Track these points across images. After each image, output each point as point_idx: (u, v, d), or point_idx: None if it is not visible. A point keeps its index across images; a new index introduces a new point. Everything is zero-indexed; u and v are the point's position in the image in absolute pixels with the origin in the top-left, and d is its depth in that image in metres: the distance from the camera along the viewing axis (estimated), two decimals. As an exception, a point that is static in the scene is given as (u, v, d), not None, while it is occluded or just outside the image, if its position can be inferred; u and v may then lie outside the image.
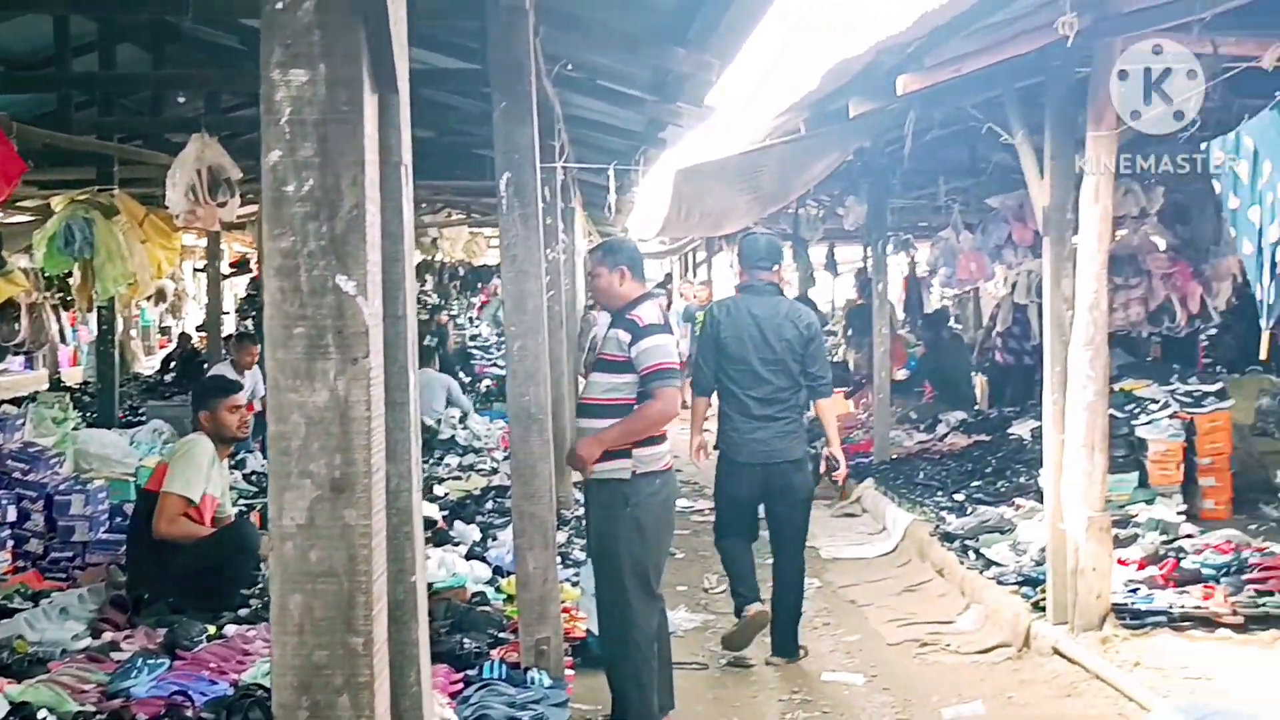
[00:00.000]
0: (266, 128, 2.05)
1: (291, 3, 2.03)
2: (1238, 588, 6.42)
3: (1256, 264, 5.45)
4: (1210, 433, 8.55)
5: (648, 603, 5.33)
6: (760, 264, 6.80)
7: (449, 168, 12.39)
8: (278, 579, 2.01)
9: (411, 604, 2.40)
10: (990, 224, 11.27)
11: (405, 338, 2.35)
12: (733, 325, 6.62)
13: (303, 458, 2.01)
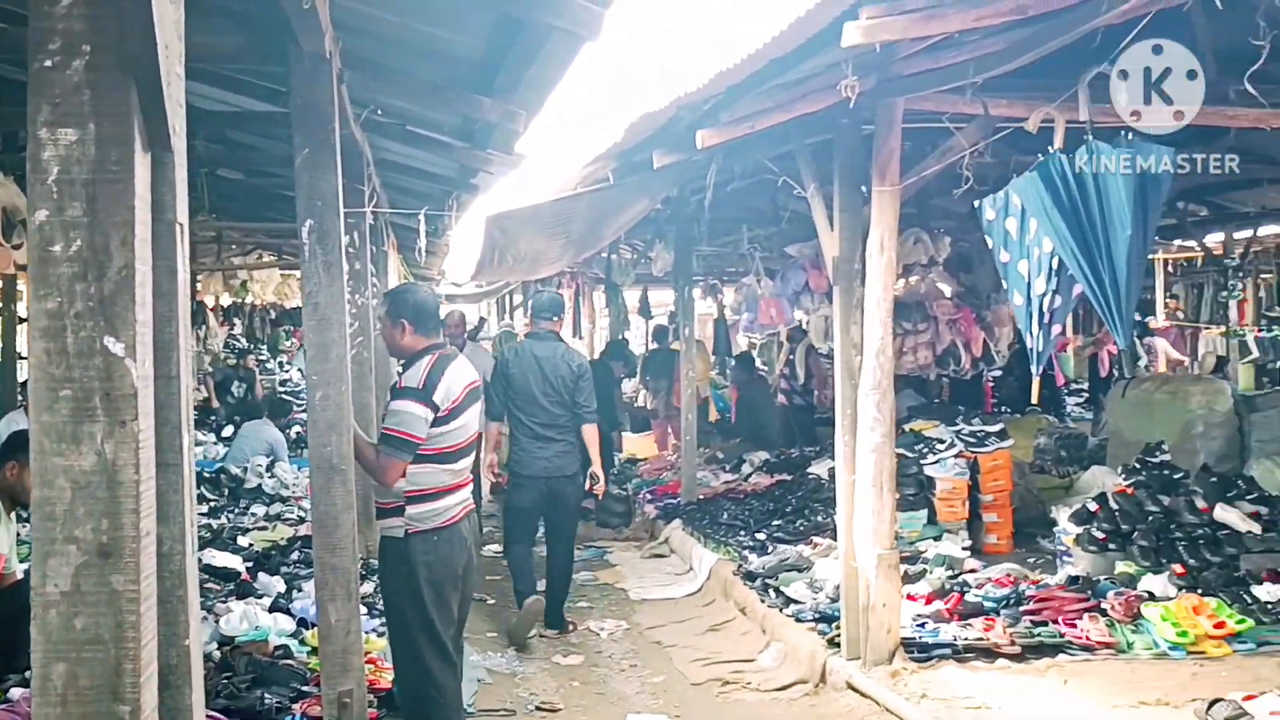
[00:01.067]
0: (33, 186, 1.99)
1: (60, 61, 1.98)
2: (1015, 619, 6.73)
3: (1026, 314, 5.77)
4: (992, 471, 8.97)
5: (441, 658, 5.27)
6: (544, 315, 8.55)
7: (259, 209, 12.09)
8: (40, 648, 1.95)
9: (185, 669, 2.33)
10: (789, 271, 11.60)
11: (178, 398, 2.30)
12: (520, 365, 8.21)
13: (68, 523, 1.95)
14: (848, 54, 5.62)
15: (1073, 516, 8.00)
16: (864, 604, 6.50)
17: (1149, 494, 7.84)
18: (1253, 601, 6.65)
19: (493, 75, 6.99)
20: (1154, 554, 7.32)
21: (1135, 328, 14.55)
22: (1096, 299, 5.24)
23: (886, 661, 6.41)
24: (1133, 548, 7.46)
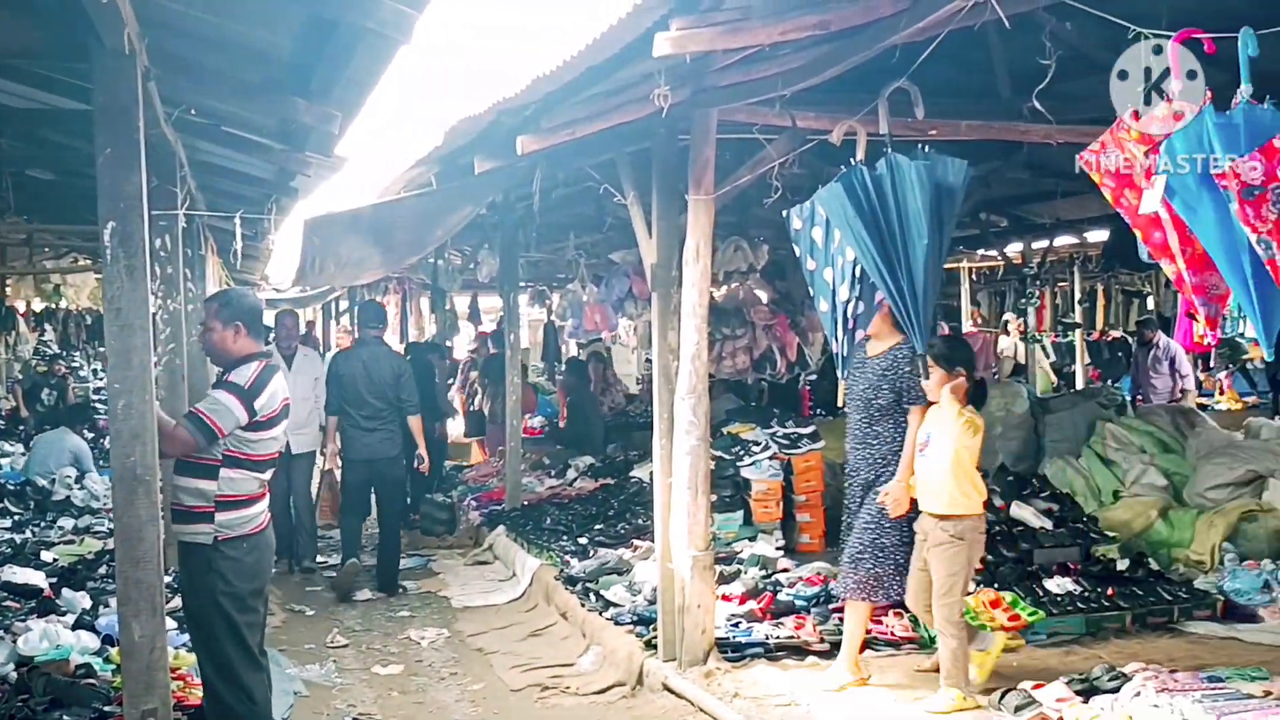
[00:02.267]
0: None
1: None
2: (825, 617, 6.84)
3: (831, 320, 5.88)
4: (805, 472, 9.13)
5: (253, 667, 5.10)
6: (370, 324, 10.19)
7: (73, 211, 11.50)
8: None
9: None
10: (614, 277, 11.62)
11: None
12: (349, 367, 9.67)
13: None
14: (662, 64, 5.63)
15: (880, 516, 8.17)
16: (680, 605, 6.52)
17: (950, 493, 8.05)
18: (1044, 594, 6.91)
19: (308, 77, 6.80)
20: (954, 551, 7.52)
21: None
22: (896, 305, 5.36)
23: (701, 662, 6.45)
24: (936, 545, 7.65)
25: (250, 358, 5.14)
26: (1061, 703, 5.25)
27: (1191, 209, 3.33)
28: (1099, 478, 9.36)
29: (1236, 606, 6.91)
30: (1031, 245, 13.64)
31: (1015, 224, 12.99)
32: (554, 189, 9.14)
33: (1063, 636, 6.64)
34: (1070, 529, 7.67)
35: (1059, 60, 6.54)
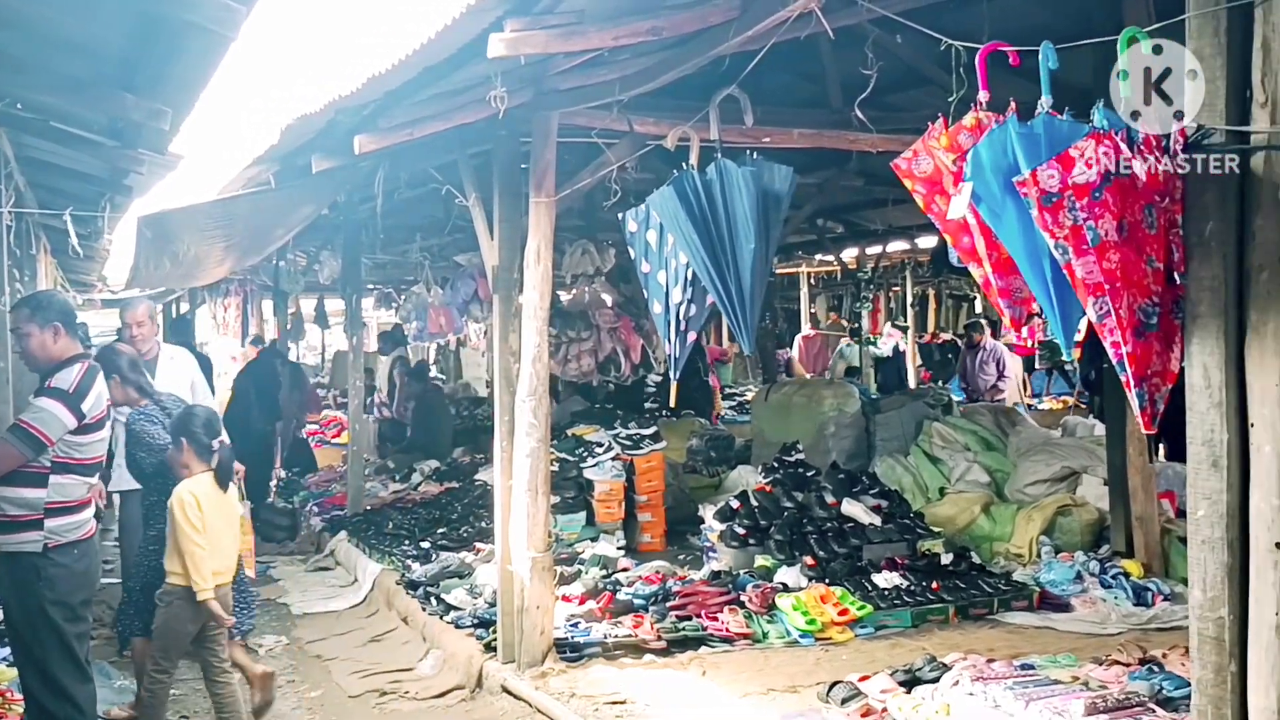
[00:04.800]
0: None
1: None
2: (662, 615, 6.86)
3: (665, 322, 5.90)
4: (646, 472, 9.17)
5: (80, 678, 4.89)
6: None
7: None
8: None
9: None
10: (459, 280, 11.50)
11: None
12: None
13: None
14: (502, 66, 5.58)
15: (717, 514, 8.27)
16: (519, 607, 6.47)
17: (785, 491, 8.20)
18: (872, 589, 7.06)
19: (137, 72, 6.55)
20: (788, 547, 7.66)
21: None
22: (725, 308, 5.41)
23: (539, 663, 6.40)
24: (770, 542, 7.78)
25: (72, 360, 4.92)
26: (886, 694, 5.36)
27: (996, 215, 3.42)
28: (926, 475, 9.62)
29: (1051, 597, 7.17)
30: (865, 251, 13.97)
31: (850, 230, 13.29)
32: (397, 190, 8.97)
33: (890, 629, 6.79)
34: (898, 525, 7.86)
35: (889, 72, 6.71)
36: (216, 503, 5.42)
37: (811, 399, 10.78)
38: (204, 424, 5.53)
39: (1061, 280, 3.26)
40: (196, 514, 5.27)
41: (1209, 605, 2.91)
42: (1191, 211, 3.00)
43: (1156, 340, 3.12)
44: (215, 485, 5.45)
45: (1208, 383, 2.91)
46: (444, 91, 6.31)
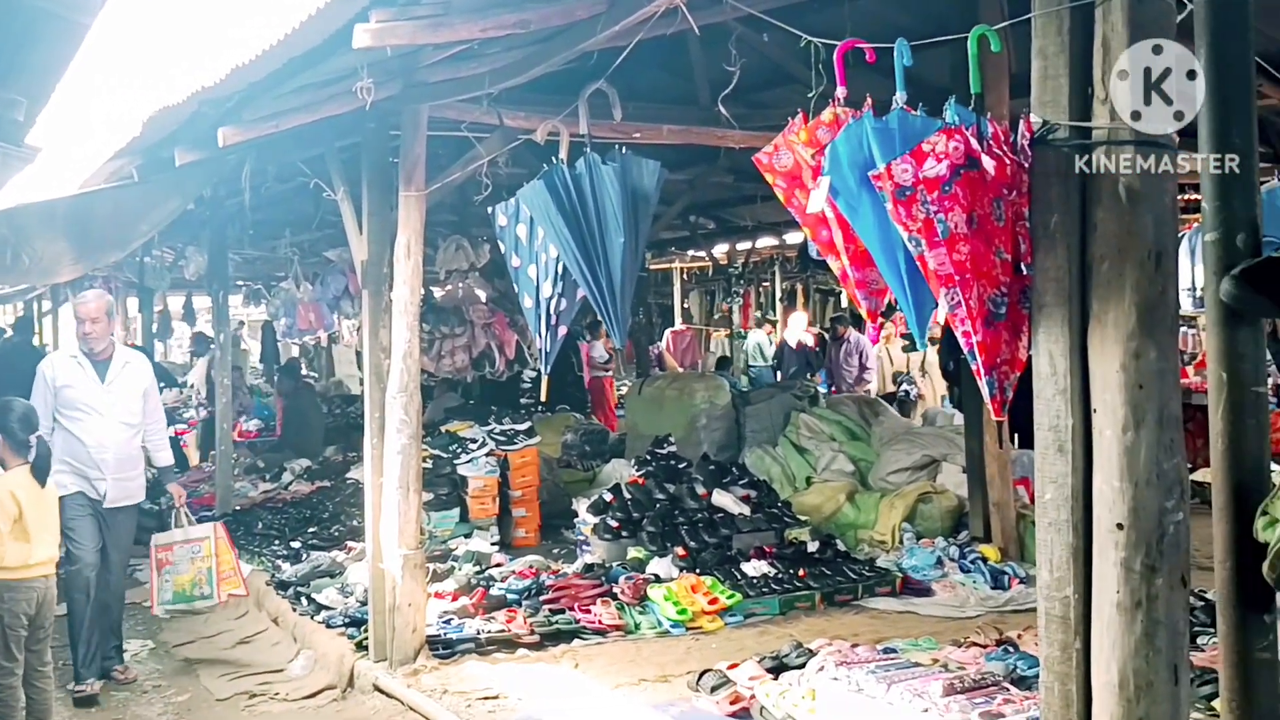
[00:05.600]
0: None
1: None
2: (536, 609, 6.83)
3: (535, 316, 5.84)
4: (521, 467, 9.11)
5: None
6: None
7: None
8: None
9: None
10: (329, 276, 11.27)
11: None
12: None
13: None
14: (369, 58, 5.48)
15: (591, 507, 8.26)
16: (391, 605, 6.37)
17: (657, 483, 8.23)
18: (742, 578, 7.13)
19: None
20: (660, 538, 7.69)
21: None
22: (596, 302, 5.39)
23: (412, 660, 6.32)
24: (642, 534, 7.80)
25: None
26: (754, 680, 5.41)
27: (853, 208, 3.46)
28: (794, 465, 9.76)
29: (913, 582, 7.33)
30: (736, 246, 14.10)
31: (721, 226, 13.40)
32: (266, 184, 8.75)
33: (759, 617, 6.86)
34: (767, 514, 7.96)
35: (757, 70, 6.79)
36: (35, 497, 5.38)
37: (683, 392, 10.85)
38: (20, 419, 5.48)
39: (915, 272, 3.32)
40: (12, 507, 5.24)
41: (1055, 585, 2.98)
42: (1037, 204, 3.07)
43: (1005, 329, 3.18)
44: (33, 479, 5.40)
45: (1053, 370, 2.99)
46: (311, 83, 6.17)
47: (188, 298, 18.80)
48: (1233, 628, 2.71)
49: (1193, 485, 3.12)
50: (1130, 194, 2.86)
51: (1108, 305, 2.87)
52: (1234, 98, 2.75)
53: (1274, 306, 2.60)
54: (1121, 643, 2.80)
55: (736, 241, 13.98)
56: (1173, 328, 2.87)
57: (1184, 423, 2.93)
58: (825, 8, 6.48)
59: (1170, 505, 2.80)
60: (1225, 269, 2.65)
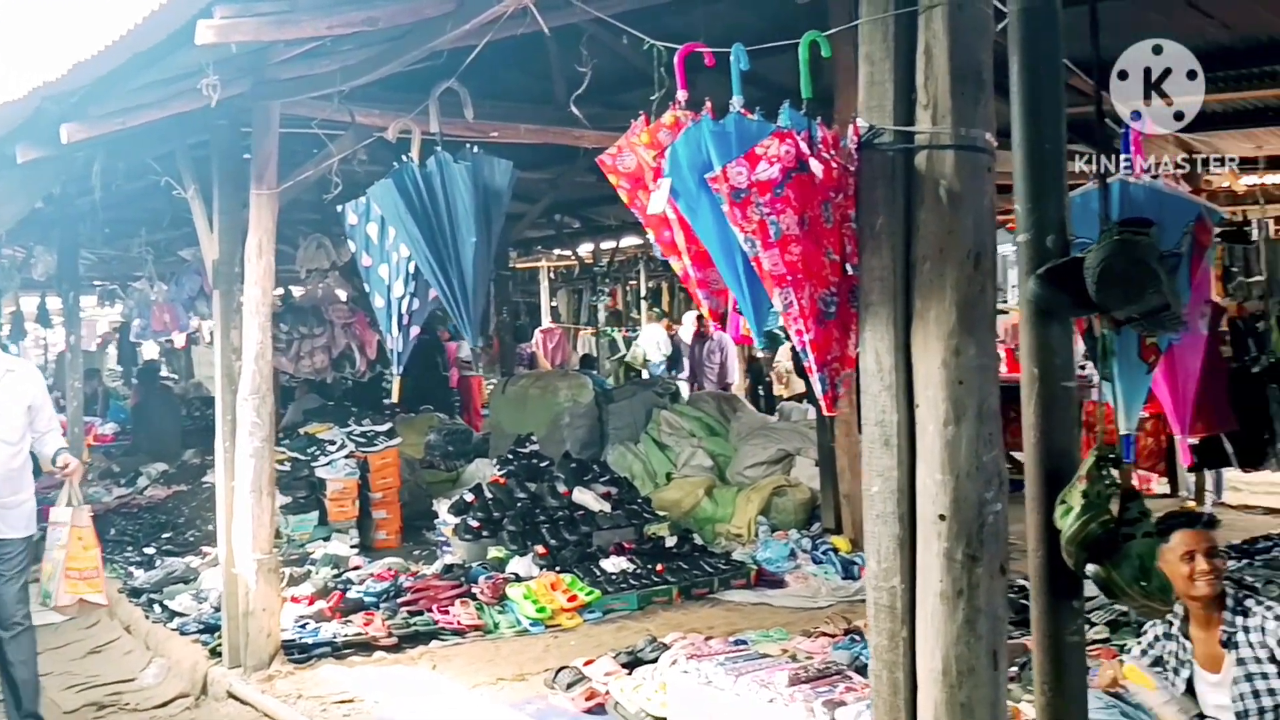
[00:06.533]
0: None
1: None
2: (394, 611, 6.74)
3: (387, 316, 5.76)
4: (381, 469, 8.97)
5: None
6: None
7: None
8: None
9: None
10: (184, 276, 10.95)
11: None
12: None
13: None
14: (215, 54, 5.34)
15: (452, 508, 8.18)
16: (244, 610, 6.23)
17: (518, 482, 8.19)
18: (601, 574, 7.14)
19: None
20: (521, 537, 7.66)
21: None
22: (448, 302, 5.33)
23: (266, 666, 6.20)
24: (502, 533, 7.76)
25: None
26: (609, 676, 5.43)
27: (693, 210, 3.49)
28: (655, 461, 9.82)
29: (768, 574, 7.43)
30: (601, 245, 14.10)
31: (587, 225, 13.40)
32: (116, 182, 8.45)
33: (618, 613, 6.88)
34: (627, 511, 7.99)
35: (615, 71, 6.80)
36: None
37: (547, 391, 10.82)
38: None
39: (752, 272, 3.35)
40: None
41: (883, 575, 3.05)
42: (864, 206, 3.13)
43: (835, 327, 3.24)
44: None
45: (879, 367, 3.05)
46: (159, 79, 5.99)
47: (41, 299, 18.04)
48: (1044, 613, 2.80)
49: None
50: (951, 196, 2.93)
51: (929, 304, 2.94)
52: (1044, 104, 2.83)
53: (1077, 305, 2.69)
54: (944, 630, 2.88)
55: (601, 240, 13.98)
56: (991, 325, 2.96)
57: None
58: (682, 11, 6.53)
59: (989, 496, 2.88)
60: (1035, 269, 2.74)
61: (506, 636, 6.58)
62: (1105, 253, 2.64)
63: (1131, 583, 2.70)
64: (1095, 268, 2.63)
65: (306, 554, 8.06)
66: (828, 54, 3.35)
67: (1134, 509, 2.71)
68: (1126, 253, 2.63)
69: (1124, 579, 2.71)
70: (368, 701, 5.72)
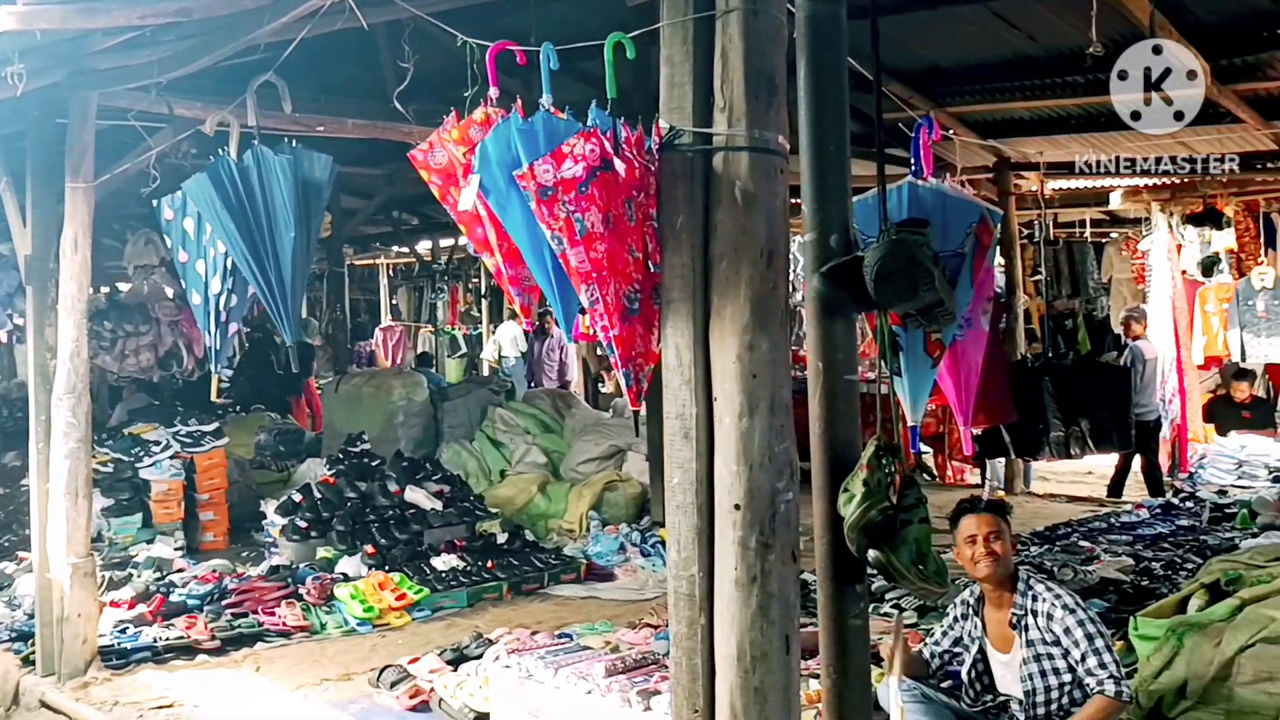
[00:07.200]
0: None
1: None
2: (218, 614, 6.56)
3: (204, 313, 5.61)
4: (208, 470, 8.71)
5: None
6: None
7: None
8: None
9: None
10: (1, 271, 10.42)
11: None
12: None
13: None
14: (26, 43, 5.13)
15: (280, 508, 8.00)
16: (59, 616, 5.99)
17: (349, 481, 8.06)
18: (431, 572, 7.07)
19: None
20: (350, 537, 7.54)
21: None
22: (265, 298, 5.22)
23: (82, 673, 5.97)
24: (331, 533, 7.63)
25: None
26: (434, 673, 5.39)
27: (503, 207, 3.50)
28: (489, 458, 9.79)
29: (598, 568, 7.47)
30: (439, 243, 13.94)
31: (425, 222, 13.25)
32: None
33: (447, 610, 6.82)
34: (459, 508, 7.94)
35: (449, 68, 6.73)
36: None
37: (381, 389, 10.67)
38: None
39: (560, 269, 3.38)
40: None
41: (682, 565, 3.11)
42: (665, 206, 3.18)
43: (639, 324, 3.29)
44: None
45: (679, 362, 3.11)
46: (-35, 67, 5.71)
47: None
48: (830, 598, 2.90)
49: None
50: (745, 197, 3.01)
51: (726, 300, 3.01)
52: (828, 108, 2.93)
53: (858, 302, 2.80)
54: (739, 617, 2.95)
55: (440, 237, 13.82)
56: (783, 321, 3.04)
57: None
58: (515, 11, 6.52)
59: (781, 486, 2.97)
60: (820, 267, 2.84)
61: (333, 637, 6.47)
62: (882, 252, 2.75)
63: (910, 566, 2.82)
64: (873, 266, 2.73)
65: (129, 557, 7.78)
66: (633, 55, 3.39)
67: (911, 496, 2.82)
68: (902, 252, 2.75)
69: (903, 563, 2.83)
70: (187, 706, 5.56)
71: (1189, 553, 6.96)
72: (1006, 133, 9.02)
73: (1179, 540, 7.42)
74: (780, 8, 3.06)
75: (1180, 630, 4.72)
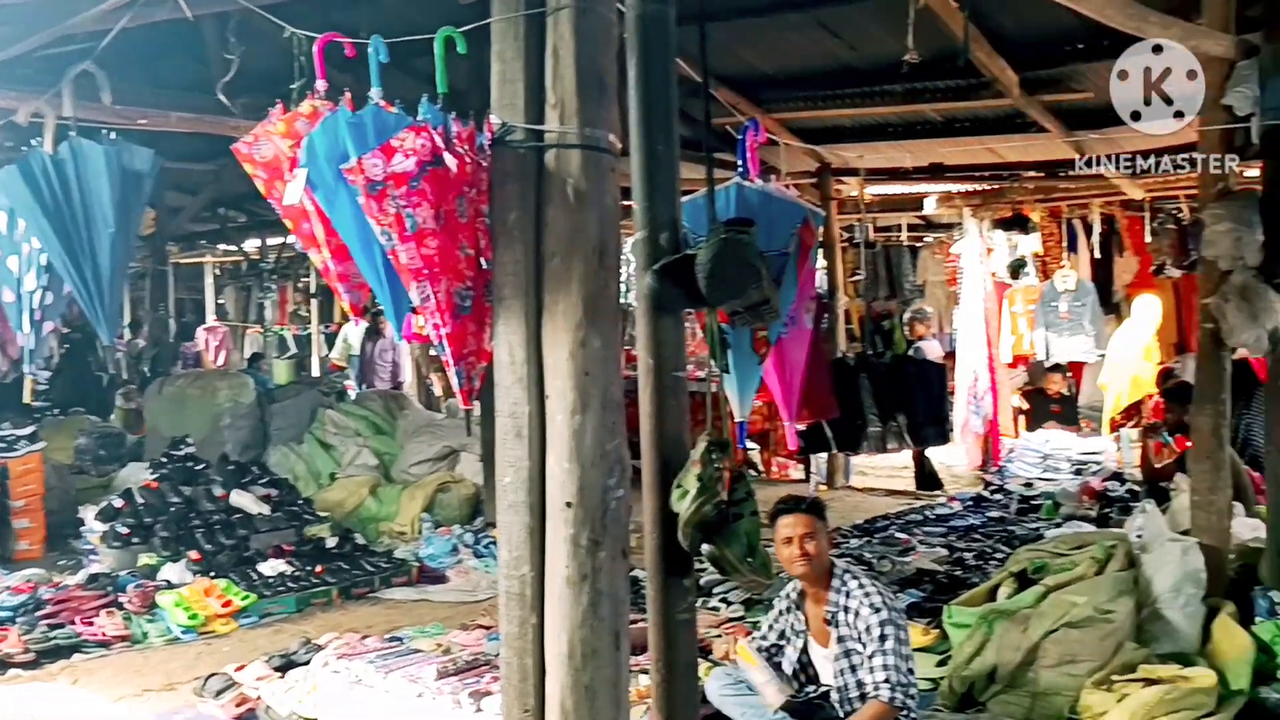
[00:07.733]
0: None
1: None
2: (32, 625, 6.18)
3: (18, 311, 5.31)
4: (23, 475, 8.19)
5: None
6: None
7: None
8: None
9: None
10: None
11: None
12: None
13: None
14: None
15: (100, 514, 7.60)
16: None
17: (172, 486, 7.71)
18: (258, 578, 6.81)
19: None
20: (174, 543, 7.20)
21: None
22: (82, 296, 4.96)
23: (-123, 694, 5.53)
24: (154, 539, 7.27)
25: None
26: (261, 680, 5.20)
27: (331, 202, 3.39)
28: (319, 461, 9.52)
29: (430, 570, 7.31)
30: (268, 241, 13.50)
31: (253, 219, 12.83)
32: None
33: (275, 616, 6.57)
34: (287, 513, 7.68)
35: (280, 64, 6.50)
36: None
37: (206, 391, 10.24)
38: None
39: (390, 266, 3.29)
40: None
41: (514, 564, 3.06)
42: (497, 202, 3.13)
43: (471, 321, 3.23)
44: None
45: (512, 360, 3.06)
46: None
47: None
48: (658, 592, 2.89)
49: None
50: (577, 194, 2.98)
51: (558, 298, 2.97)
52: (657, 108, 2.92)
53: (689, 299, 2.79)
54: (570, 614, 2.92)
55: (269, 235, 13.38)
56: (614, 318, 3.02)
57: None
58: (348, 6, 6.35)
59: (612, 483, 2.94)
60: (650, 265, 2.82)
61: (156, 646, 6.16)
62: (714, 250, 2.76)
63: (741, 559, 2.83)
64: (706, 264, 2.73)
65: (-70, 569, 7.28)
66: (464, 50, 3.33)
67: (740, 490, 2.84)
68: (731, 251, 2.76)
69: (735, 556, 2.84)
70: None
71: (999, 543, 7.24)
72: (829, 139, 9.23)
73: (989, 531, 7.72)
74: (610, 7, 3.05)
75: (990, 618, 4.90)
